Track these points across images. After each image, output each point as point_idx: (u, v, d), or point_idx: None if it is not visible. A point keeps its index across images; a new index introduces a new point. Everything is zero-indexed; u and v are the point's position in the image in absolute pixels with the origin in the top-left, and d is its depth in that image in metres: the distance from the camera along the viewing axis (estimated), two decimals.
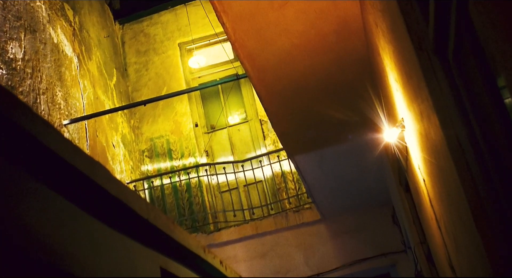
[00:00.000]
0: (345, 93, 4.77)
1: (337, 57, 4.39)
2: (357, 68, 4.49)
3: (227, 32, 4.02)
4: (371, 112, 4.34)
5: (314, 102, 4.88)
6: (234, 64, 9.22)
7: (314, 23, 4.02)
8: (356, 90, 4.64)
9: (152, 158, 9.44)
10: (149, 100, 8.06)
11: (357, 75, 4.52)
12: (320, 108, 4.91)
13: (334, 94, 4.83)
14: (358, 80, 4.53)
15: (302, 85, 4.71)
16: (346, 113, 4.94)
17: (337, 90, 4.77)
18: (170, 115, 9.64)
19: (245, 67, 4.39)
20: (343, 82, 4.68)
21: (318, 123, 5.15)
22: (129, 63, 10.28)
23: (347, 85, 4.70)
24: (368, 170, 5.97)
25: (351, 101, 4.76)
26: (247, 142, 9.33)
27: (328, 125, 5.13)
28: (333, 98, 4.87)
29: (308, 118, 5.05)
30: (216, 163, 8.71)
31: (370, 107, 4.36)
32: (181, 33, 10.27)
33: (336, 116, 5.03)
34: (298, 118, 5.07)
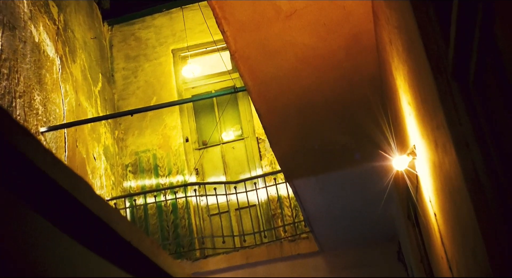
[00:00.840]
0: (352, 115, 4.80)
1: (346, 75, 4.43)
2: (366, 88, 4.52)
3: (227, 41, 4.04)
4: (380, 137, 4.35)
5: (319, 122, 4.90)
6: (232, 75, 9.26)
7: (323, 37, 4.06)
8: (364, 112, 4.66)
9: (136, 173, 9.41)
10: (137, 111, 8.06)
11: (366, 96, 4.55)
12: (325, 130, 4.92)
13: (341, 115, 4.85)
14: (368, 101, 4.56)
15: (306, 103, 4.73)
16: (352, 136, 4.96)
17: (344, 111, 4.80)
18: (158, 128, 9.64)
19: (245, 80, 4.41)
20: (351, 103, 4.71)
21: (321, 146, 5.16)
22: (116, 69, 10.31)
23: (355, 106, 4.73)
24: (374, 200, 5.96)
25: (358, 123, 4.77)
26: (242, 162, 9.32)
27: (332, 148, 5.14)
28: (339, 120, 4.89)
29: (310, 140, 5.06)
30: (207, 182, 8.69)
31: (379, 132, 4.37)
32: (175, 39, 10.32)
33: (342, 139, 5.04)
34: (299, 139, 5.09)
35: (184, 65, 10.03)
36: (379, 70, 4.18)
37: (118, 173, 9.33)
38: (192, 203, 8.95)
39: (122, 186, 9.32)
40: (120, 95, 10.10)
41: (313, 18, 3.92)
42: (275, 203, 8.72)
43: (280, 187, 8.43)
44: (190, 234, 8.72)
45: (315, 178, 5.56)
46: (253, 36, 4.04)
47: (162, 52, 10.32)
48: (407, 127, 3.27)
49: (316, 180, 5.58)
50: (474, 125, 1.91)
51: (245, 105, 9.62)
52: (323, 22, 3.96)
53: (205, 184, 8.55)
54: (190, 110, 9.82)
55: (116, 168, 9.29)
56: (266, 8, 3.80)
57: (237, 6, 3.75)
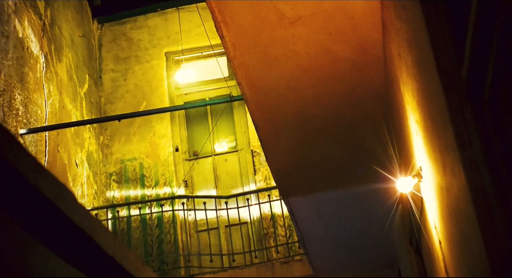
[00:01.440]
0: (355, 131, 4.81)
1: (350, 88, 4.44)
2: (371, 103, 4.53)
3: (226, 47, 4.06)
4: (383, 156, 4.36)
5: (319, 137, 4.91)
6: (229, 83, 9.28)
7: (328, 46, 4.08)
8: (368, 129, 4.67)
9: (121, 183, 9.38)
10: (125, 116, 8.05)
11: (371, 111, 4.56)
12: (325, 146, 4.93)
13: (342, 131, 4.86)
14: (372, 117, 4.57)
15: (306, 116, 4.75)
16: (354, 154, 4.97)
17: (346, 127, 4.81)
18: (147, 136, 9.63)
19: (242, 89, 4.42)
20: (354, 118, 4.72)
21: (320, 163, 5.16)
22: (105, 70, 10.31)
23: (358, 122, 4.74)
24: (374, 223, 5.96)
25: (361, 141, 4.79)
26: (235, 175, 9.31)
27: (332, 166, 5.14)
28: (341, 136, 4.90)
29: (309, 156, 5.07)
30: (196, 196, 8.67)
31: (383, 150, 4.38)
32: (169, 41, 10.35)
33: (342, 156, 5.05)
34: (297, 154, 5.09)
35: (178, 69, 10.05)
36: (386, 85, 4.20)
37: (101, 181, 9.30)
38: (179, 217, 8.93)
39: (105, 196, 9.29)
40: (108, 99, 10.09)
41: (318, 26, 3.95)
42: (268, 221, 8.71)
43: (274, 204, 8.42)
44: (176, 250, 8.69)
45: (313, 196, 5.56)
46: (254, 43, 4.06)
47: (155, 55, 10.34)
48: (414, 147, 3.28)
49: (313, 199, 5.57)
50: (486, 147, 1.91)
51: (240, 116, 9.63)
52: (329, 31, 3.98)
53: (194, 198, 8.53)
54: (181, 118, 9.82)
55: (100, 176, 9.26)
56: (269, 14, 3.82)
57: (238, 10, 3.77)
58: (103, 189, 9.30)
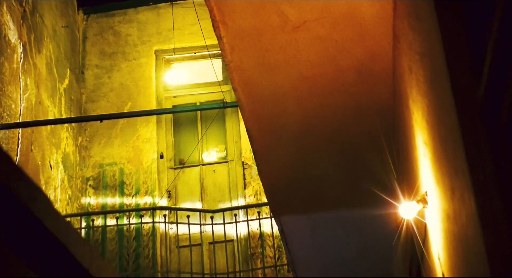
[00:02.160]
0: (356, 148, 4.81)
1: (354, 101, 4.45)
2: (376, 119, 4.54)
3: (223, 49, 4.06)
4: (386, 177, 4.36)
5: (317, 152, 4.91)
6: (223, 88, 9.29)
7: (332, 55, 4.09)
8: (370, 147, 4.68)
9: (98, 189, 9.35)
10: (107, 116, 8.04)
11: (374, 128, 4.57)
12: (323, 162, 4.93)
13: (343, 147, 4.87)
14: (375, 134, 4.57)
15: (305, 129, 4.75)
16: (354, 173, 4.97)
17: (347, 143, 4.81)
18: (130, 139, 9.61)
19: (238, 95, 4.42)
20: (356, 134, 4.73)
21: (317, 180, 5.16)
22: (88, 65, 10.30)
23: (360, 138, 4.74)
24: (371, 249, 5.95)
25: (363, 159, 4.79)
26: (223, 188, 9.30)
27: (329, 184, 5.14)
28: (341, 152, 4.91)
29: (305, 172, 5.07)
30: (179, 208, 8.64)
31: (386, 171, 4.39)
32: (161, 38, 10.36)
33: (342, 175, 5.05)
34: (293, 169, 5.09)
35: (168, 69, 10.05)
36: (393, 100, 4.21)
37: (77, 186, 9.26)
38: (160, 231, 8.89)
39: (80, 202, 9.25)
40: (89, 97, 10.08)
41: (324, 32, 3.96)
42: (256, 240, 8.69)
43: (264, 222, 8.41)
44: (153, 266, 8.65)
45: (306, 216, 5.55)
46: (253, 46, 4.07)
47: (144, 52, 10.34)
48: (420, 170, 3.28)
49: (307, 219, 5.56)
50: (500, 174, 1.91)
51: (233, 124, 9.64)
52: (335, 38, 3.99)
53: (177, 210, 8.51)
54: (169, 122, 9.81)
55: (75, 180, 9.23)
56: (272, 16, 3.83)
57: (239, 10, 3.77)
58: (78, 195, 9.26)
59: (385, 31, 3.83)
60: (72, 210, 8.85)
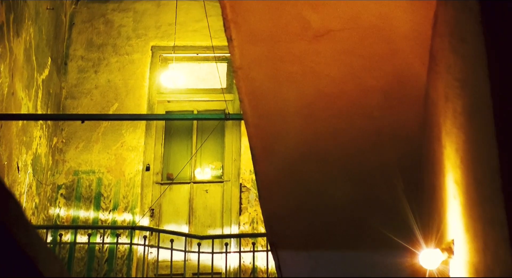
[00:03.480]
0: (372, 180, 4.79)
1: (376, 127, 4.44)
2: (399, 149, 4.52)
3: (232, 52, 4.06)
4: (405, 217, 4.33)
5: (327, 181, 4.89)
6: (226, 96, 9.29)
7: (356, 72, 4.09)
8: (389, 180, 4.66)
9: (70, 200, 9.33)
10: (89, 117, 8.04)
11: (396, 159, 4.55)
12: (333, 193, 4.91)
13: (357, 178, 4.85)
14: (397, 166, 4.56)
15: (316, 153, 4.74)
16: (367, 208, 4.94)
17: (363, 172, 4.79)
18: (112, 146, 9.60)
19: (244, 107, 4.41)
20: (374, 163, 4.71)
21: (323, 212, 5.14)
22: (72, 56, 10.32)
23: (378, 169, 4.73)
24: None
25: (378, 193, 4.77)
26: (214, 212, 9.27)
27: (337, 218, 5.11)
28: (355, 182, 4.89)
29: (312, 202, 5.04)
30: (162, 230, 8.61)
31: (405, 210, 4.36)
32: (159, 33, 10.39)
33: (352, 209, 5.02)
34: (298, 197, 5.07)
35: (165, 69, 10.06)
36: (421, 130, 4.20)
37: (46, 194, 9.24)
38: (137, 254, 8.86)
39: (47, 213, 9.22)
40: (70, 92, 10.09)
41: (349, 45, 3.96)
42: (247, 275, 8.65)
43: (259, 255, 8.37)
44: None
45: (308, 253, 5.52)
46: (267, 53, 4.07)
47: (138, 47, 10.36)
48: (447, 213, 3.26)
49: (308, 257, 5.53)
50: None
51: (233, 139, 9.62)
52: (361, 53, 3.99)
53: (160, 232, 8.47)
54: (159, 130, 9.80)
55: (45, 187, 9.21)
56: (292, 21, 3.84)
57: (255, 10, 3.78)
58: (47, 204, 9.24)
59: (420, 51, 3.82)
60: (37, 221, 8.82)
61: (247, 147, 6.89)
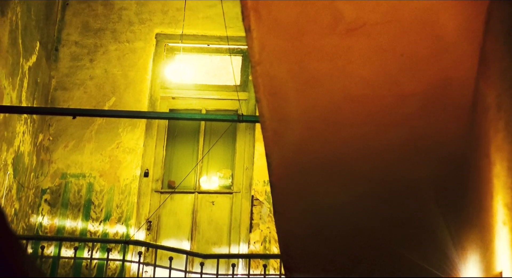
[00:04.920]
0: (407, 199, 4.77)
1: (413, 138, 4.42)
2: (438, 164, 4.50)
3: (250, 45, 4.04)
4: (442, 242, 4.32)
5: (354, 198, 4.88)
6: (240, 95, 9.29)
7: (393, 73, 4.06)
8: (426, 198, 4.64)
9: (56, 207, 9.36)
10: (82, 112, 8.04)
11: (435, 175, 4.53)
12: (360, 211, 4.89)
13: (389, 195, 4.83)
14: (435, 183, 4.54)
15: (342, 164, 4.72)
16: (399, 230, 4.92)
17: (396, 190, 4.77)
18: (107, 146, 9.63)
19: (261, 108, 4.40)
20: (408, 180, 4.69)
21: (347, 234, 5.13)
22: (65, 41, 10.36)
23: (414, 186, 4.71)
24: None
25: (412, 214, 4.75)
26: (221, 227, 9.27)
27: (364, 241, 5.11)
28: (385, 201, 4.87)
29: (335, 221, 5.03)
30: (160, 246, 8.62)
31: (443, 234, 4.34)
32: (166, 19, 10.42)
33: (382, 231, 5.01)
34: (319, 215, 5.06)
35: (170, 61, 10.08)
36: (466, 143, 4.17)
37: (28, 199, 9.27)
38: (130, 272, 8.86)
39: (28, 221, 9.25)
40: (61, 83, 10.13)
41: (387, 42, 3.93)
42: None
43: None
44: None
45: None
46: (290, 47, 4.05)
47: (141, 34, 10.40)
48: (494, 241, 3.24)
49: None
50: None
51: (246, 144, 9.63)
52: (400, 51, 3.97)
53: (157, 248, 8.49)
54: (162, 130, 9.82)
55: (27, 191, 9.23)
56: (322, 11, 3.82)
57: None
58: (28, 211, 9.26)
59: (468, 51, 3.80)
60: (17, 229, 8.85)
61: (262, 154, 6.86)
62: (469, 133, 4.15)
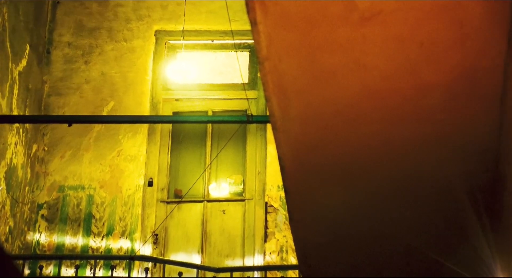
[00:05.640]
0: (434, 201, 4.75)
1: (437, 133, 4.40)
2: (468, 162, 4.48)
3: (257, 40, 4.03)
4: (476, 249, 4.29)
5: (375, 202, 4.86)
6: (248, 94, 9.29)
7: (414, 64, 4.04)
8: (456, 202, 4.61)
9: (54, 222, 9.37)
10: (78, 119, 8.03)
11: (465, 175, 4.51)
12: (383, 217, 4.88)
13: (414, 199, 4.80)
14: (465, 183, 4.51)
15: (361, 165, 4.70)
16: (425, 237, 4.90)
17: (422, 192, 4.75)
18: (107, 155, 9.64)
19: (271, 108, 4.38)
20: (436, 180, 4.67)
21: (370, 241, 5.11)
22: (57, 43, 10.39)
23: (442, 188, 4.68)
24: None
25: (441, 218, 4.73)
26: (234, 237, 9.27)
27: (390, 250, 5.09)
28: (411, 205, 4.85)
29: (357, 228, 5.02)
30: (169, 261, 8.63)
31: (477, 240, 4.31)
32: (165, 14, 10.44)
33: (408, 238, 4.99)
34: (339, 222, 5.04)
35: (172, 60, 10.10)
36: (498, 138, 4.15)
37: (23, 215, 9.29)
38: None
39: (25, 239, 9.27)
40: (55, 88, 10.15)
41: (405, 30, 3.92)
42: None
43: None
44: None
45: None
46: (300, 41, 4.04)
47: (140, 32, 10.42)
48: None
49: None
50: None
51: (257, 147, 9.63)
52: (420, 40, 3.95)
53: (166, 263, 8.49)
54: (165, 136, 9.83)
55: (22, 206, 9.25)
56: (332, 0, 3.80)
57: None
58: (24, 228, 9.28)
59: (495, 36, 3.78)
60: (12, 249, 8.87)
61: (275, 157, 6.86)
62: (500, 127, 4.12)
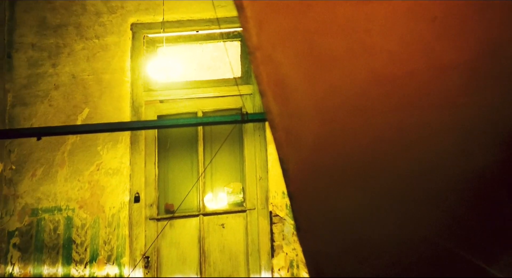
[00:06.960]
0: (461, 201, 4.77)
1: (459, 120, 4.42)
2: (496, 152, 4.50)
3: (246, 27, 4.05)
4: None
5: (393, 206, 4.87)
6: (242, 89, 9.32)
7: (428, 43, 4.06)
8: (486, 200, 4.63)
9: (28, 251, 9.40)
10: (49, 131, 8.04)
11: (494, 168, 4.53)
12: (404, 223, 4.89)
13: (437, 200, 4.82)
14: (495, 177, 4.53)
15: (376, 162, 4.72)
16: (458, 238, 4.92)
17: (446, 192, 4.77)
18: (84, 170, 9.67)
19: (267, 103, 4.40)
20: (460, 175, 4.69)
21: (392, 251, 5.13)
22: (18, 45, 10.44)
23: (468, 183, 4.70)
24: None
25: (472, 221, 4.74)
26: (236, 254, 9.30)
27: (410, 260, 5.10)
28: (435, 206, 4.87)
29: (373, 237, 5.03)
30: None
31: None
32: (141, 5, 10.49)
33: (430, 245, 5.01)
34: (354, 230, 5.06)
35: (153, 56, 10.12)
36: None
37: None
38: None
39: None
40: (19, 97, 10.19)
41: (415, 4, 3.94)
42: None
43: None
44: None
45: None
46: (295, 25, 4.05)
47: (113, 27, 10.46)
48: None
49: None
50: None
51: (256, 149, 9.66)
52: (434, 14, 3.97)
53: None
54: (151, 143, 9.87)
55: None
56: None
57: None
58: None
59: None
60: None
61: (277, 159, 6.88)
62: None
